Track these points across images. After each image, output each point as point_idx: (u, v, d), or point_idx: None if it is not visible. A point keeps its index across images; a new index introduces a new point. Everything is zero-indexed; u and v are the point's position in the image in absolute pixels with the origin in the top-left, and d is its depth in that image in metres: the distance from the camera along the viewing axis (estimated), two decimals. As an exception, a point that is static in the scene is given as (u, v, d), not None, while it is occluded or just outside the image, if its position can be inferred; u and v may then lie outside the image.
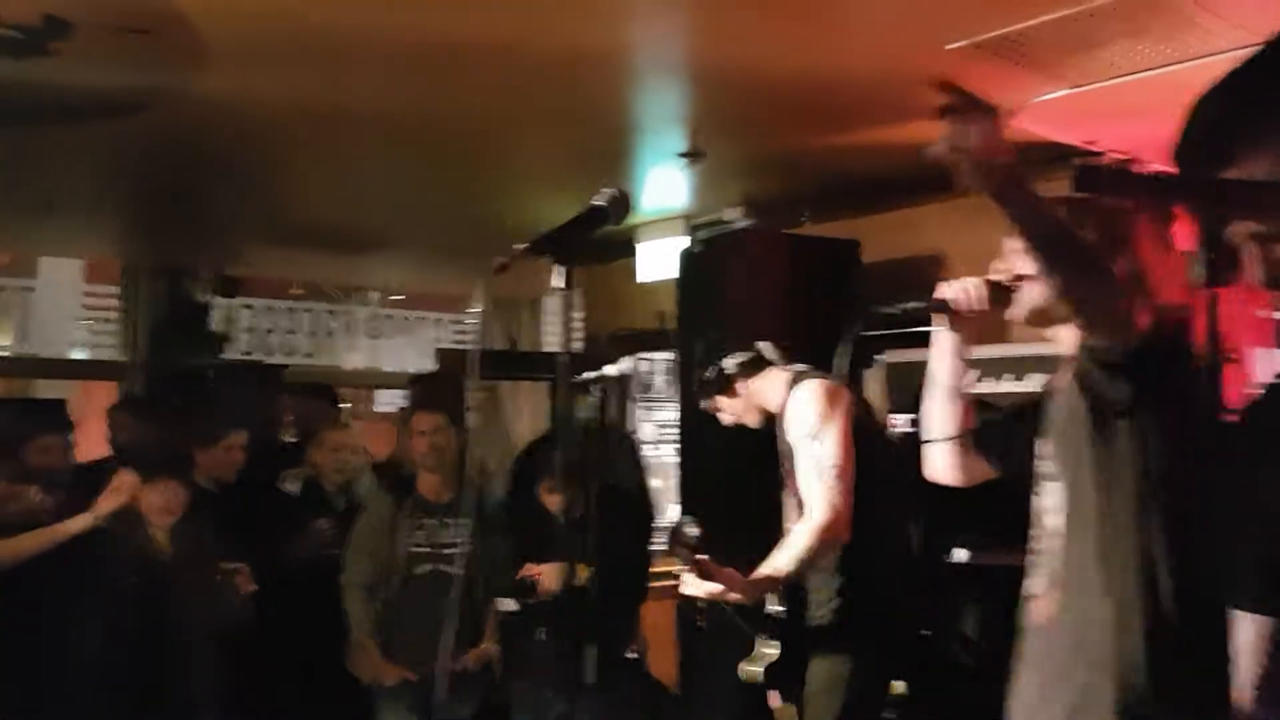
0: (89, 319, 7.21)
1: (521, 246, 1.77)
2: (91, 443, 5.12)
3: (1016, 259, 2.05)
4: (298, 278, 8.00)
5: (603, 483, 3.53)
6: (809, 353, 3.04)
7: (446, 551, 4.25)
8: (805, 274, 4.55)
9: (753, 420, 3.09)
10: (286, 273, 7.83)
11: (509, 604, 4.12)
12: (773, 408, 3.01)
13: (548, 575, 4.06)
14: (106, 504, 3.72)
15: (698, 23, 3.21)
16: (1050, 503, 1.99)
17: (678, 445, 5.04)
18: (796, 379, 2.97)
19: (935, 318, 2.19)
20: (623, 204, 1.87)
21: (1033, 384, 3.76)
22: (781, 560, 2.67)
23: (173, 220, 5.89)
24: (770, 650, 2.87)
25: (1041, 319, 2.05)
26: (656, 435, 6.44)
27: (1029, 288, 2.02)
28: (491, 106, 3.87)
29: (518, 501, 4.52)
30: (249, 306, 7.66)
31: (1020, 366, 3.80)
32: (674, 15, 3.19)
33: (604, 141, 4.41)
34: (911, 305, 2.18)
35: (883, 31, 3.17)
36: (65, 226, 5.92)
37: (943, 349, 2.23)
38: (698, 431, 4.63)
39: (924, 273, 4.89)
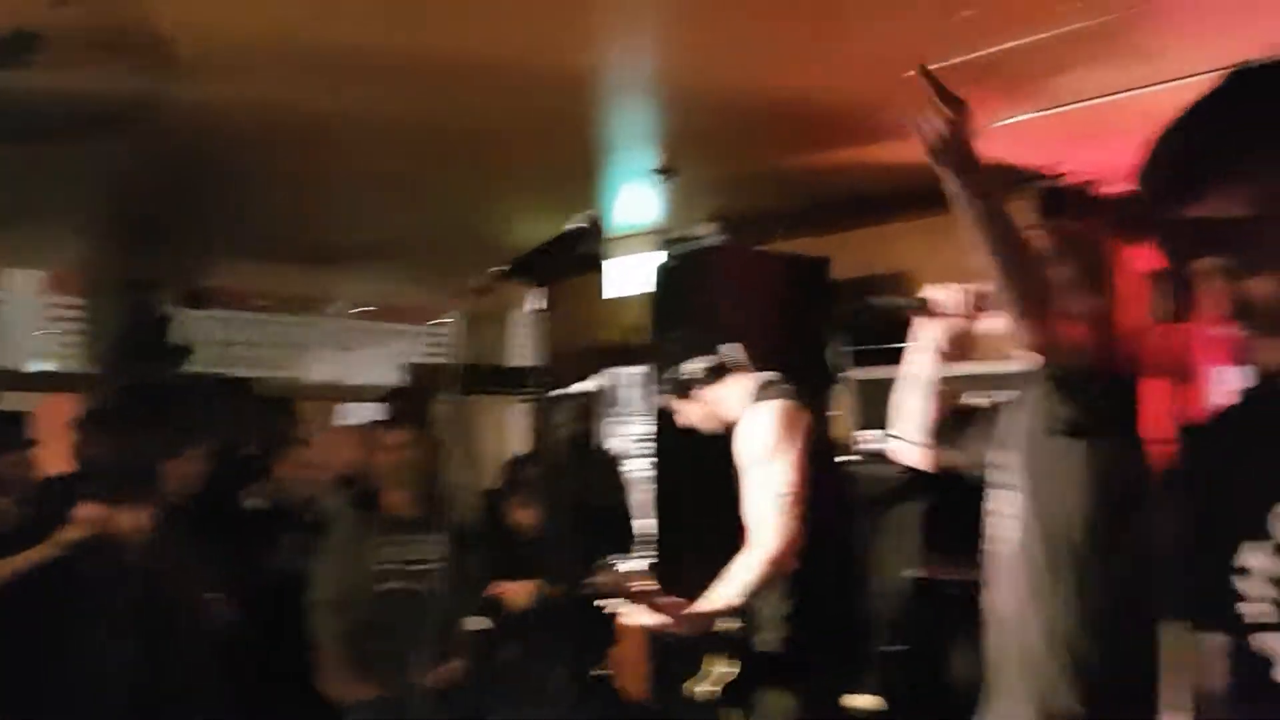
0: (50, 331, 7.10)
1: (499, 269, 1.77)
2: (54, 456, 5.04)
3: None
4: (265, 289, 7.94)
5: (580, 500, 3.53)
6: (778, 366, 3.05)
7: (415, 568, 4.22)
8: (776, 290, 4.58)
9: (712, 427, 3.04)
10: (253, 284, 7.78)
11: (479, 621, 4.10)
12: (733, 418, 3.00)
13: (516, 593, 4.05)
14: (70, 534, 3.66)
15: (673, 44, 3.25)
16: (1008, 511, 2.09)
17: (650, 459, 5.05)
18: (760, 393, 2.93)
19: (917, 316, 2.31)
20: (598, 228, 1.88)
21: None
22: (726, 593, 2.64)
23: (138, 232, 5.83)
24: (728, 669, 2.87)
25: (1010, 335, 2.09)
26: (628, 450, 6.44)
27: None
28: (466, 123, 3.88)
29: (489, 518, 4.51)
30: (215, 318, 7.58)
31: (990, 383, 3.83)
32: (650, 37, 3.23)
33: (579, 158, 4.44)
34: (901, 301, 2.35)
35: (855, 55, 3.22)
36: (28, 237, 5.85)
37: (920, 347, 2.33)
38: (670, 446, 4.64)
39: (893, 290, 4.95)
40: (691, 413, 3.06)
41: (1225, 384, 4.90)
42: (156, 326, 6.66)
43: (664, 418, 4.83)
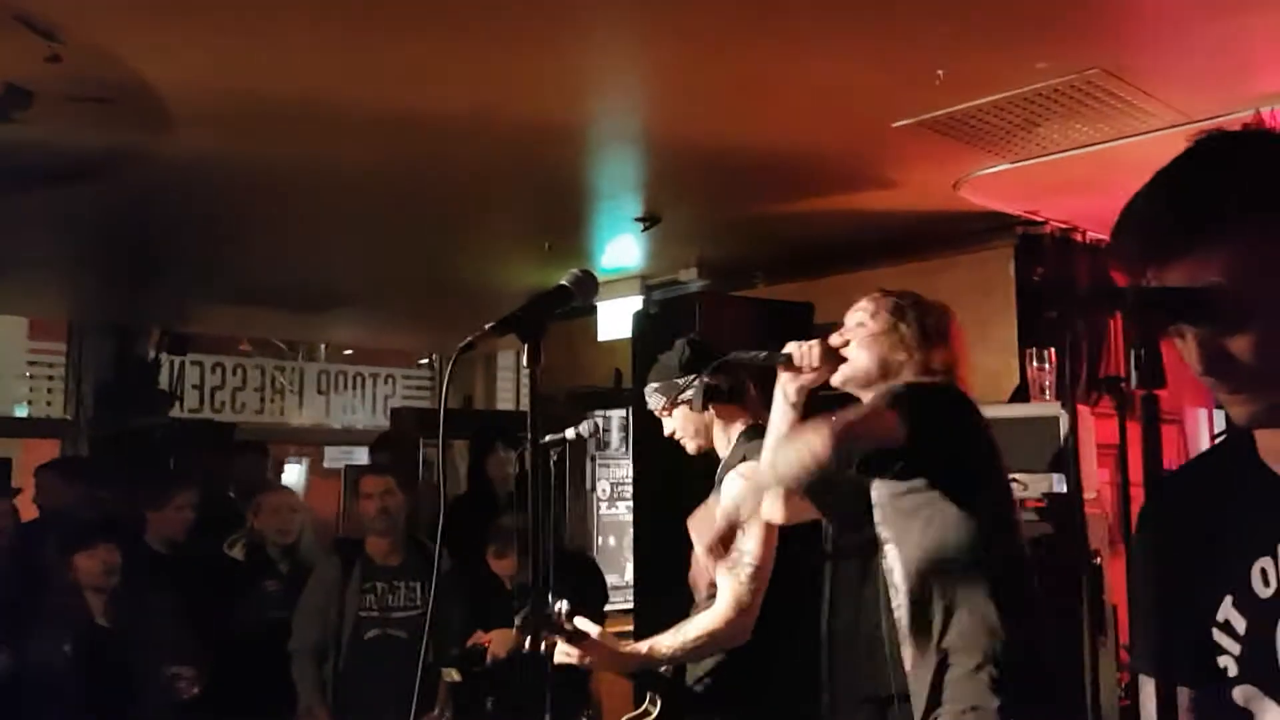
0: (34, 376, 7.07)
1: (488, 326, 1.79)
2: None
3: (850, 333, 2.37)
4: (247, 334, 7.93)
5: (555, 546, 3.50)
6: (760, 412, 3.04)
7: (396, 615, 4.21)
8: (759, 335, 4.61)
9: (692, 446, 2.98)
10: (236, 330, 7.77)
11: (454, 675, 4.08)
12: (717, 450, 2.95)
13: (496, 642, 4.04)
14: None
15: (655, 98, 3.30)
16: (890, 563, 2.27)
17: (632, 502, 5.06)
18: (745, 440, 2.87)
19: (780, 370, 2.40)
20: (589, 284, 1.91)
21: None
22: (666, 642, 2.66)
23: (123, 279, 5.84)
24: (653, 709, 2.86)
25: (856, 385, 2.36)
26: (612, 493, 6.44)
27: (854, 355, 2.35)
28: (449, 171, 3.92)
29: (469, 565, 4.49)
30: (198, 363, 7.57)
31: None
32: (633, 90, 3.28)
33: (563, 206, 4.48)
34: (763, 355, 2.41)
35: (831, 110, 3.28)
36: (12, 284, 5.85)
37: (781, 399, 2.41)
38: (652, 488, 4.66)
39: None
40: (683, 425, 2.97)
41: (1209, 425, 4.97)
42: (141, 372, 6.65)
43: (646, 461, 4.85)
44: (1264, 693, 1.13)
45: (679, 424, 2.95)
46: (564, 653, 2.67)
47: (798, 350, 2.36)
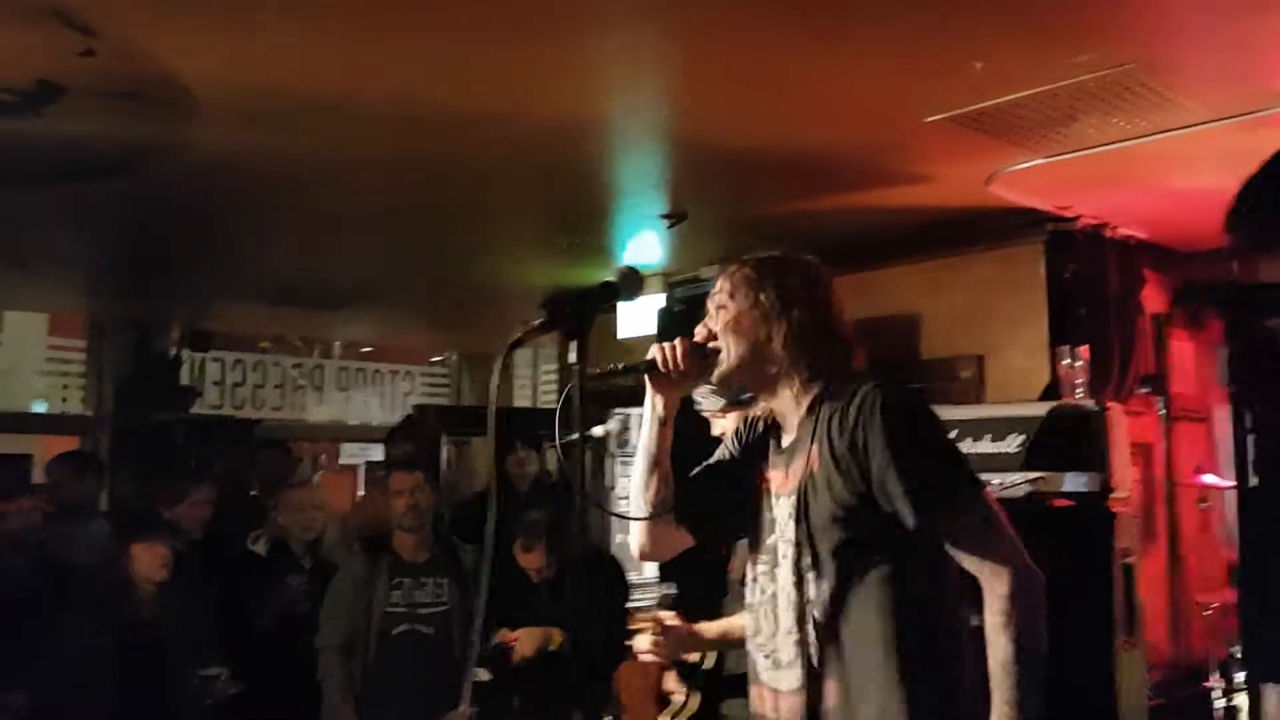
0: (55, 373, 7.10)
1: (536, 322, 1.78)
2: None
3: (714, 322, 2.04)
4: (268, 331, 7.94)
5: (578, 543, 3.48)
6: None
7: (423, 612, 4.20)
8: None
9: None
10: (257, 327, 7.78)
11: (482, 674, 4.06)
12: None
13: (523, 641, 4.02)
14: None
15: (680, 93, 3.27)
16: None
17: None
18: None
19: (647, 379, 2.03)
20: (634, 281, 1.89)
21: (1012, 445, 3.82)
22: (739, 623, 2.34)
23: (144, 275, 5.84)
24: (692, 701, 2.83)
25: (738, 382, 2.04)
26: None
27: (725, 347, 2.01)
28: (473, 169, 3.90)
29: (495, 563, 4.47)
30: (218, 360, 7.59)
31: (999, 427, 3.85)
32: (657, 86, 3.25)
33: (584, 203, 4.46)
34: (622, 366, 2.02)
35: (863, 105, 3.25)
36: (34, 281, 5.86)
37: (648, 414, 2.05)
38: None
39: (898, 332, 4.97)
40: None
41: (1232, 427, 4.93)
42: (162, 368, 6.65)
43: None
44: None
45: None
46: (651, 644, 2.59)
47: (660, 354, 1.99)
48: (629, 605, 4.39)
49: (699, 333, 2.04)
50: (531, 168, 3.89)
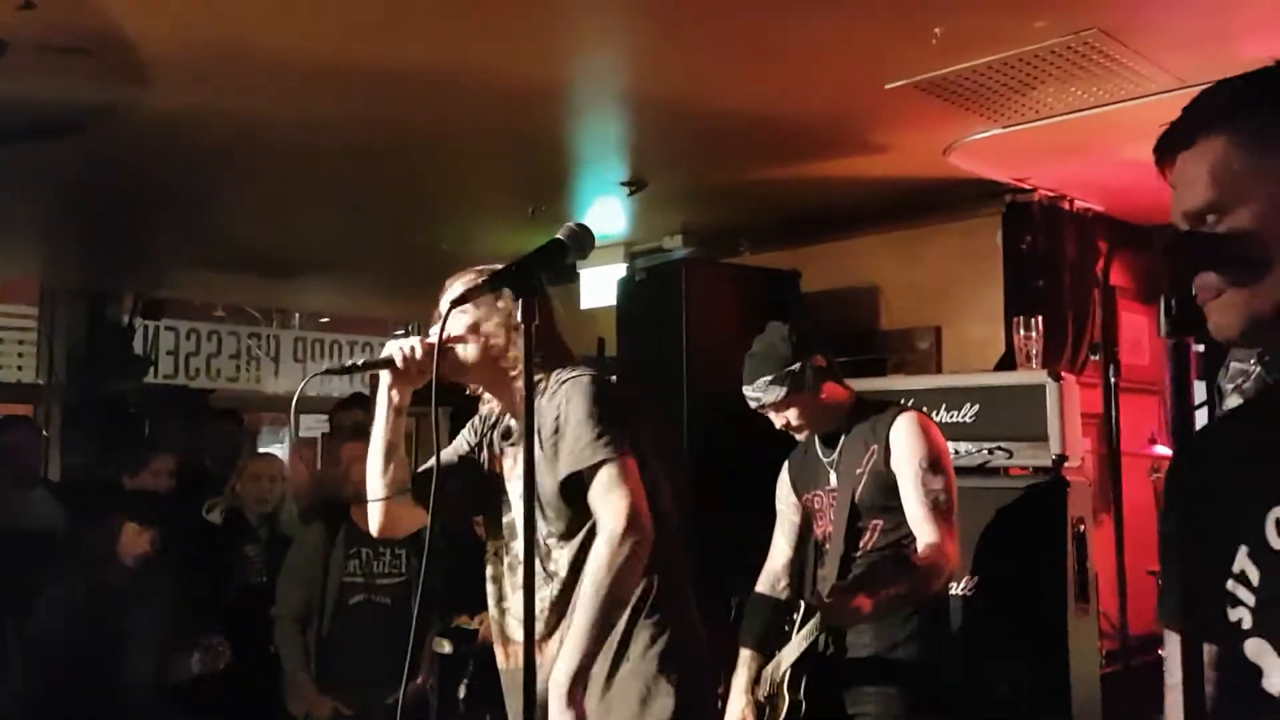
0: (2, 340, 6.95)
1: (482, 280, 1.75)
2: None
3: (453, 322, 2.19)
4: (222, 299, 7.82)
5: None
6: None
7: (381, 582, 4.18)
8: (746, 303, 4.58)
9: (804, 434, 2.95)
10: (212, 295, 7.67)
11: (444, 646, 4.05)
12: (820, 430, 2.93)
13: (487, 626, 4.01)
14: None
15: (642, 56, 3.24)
16: None
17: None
18: (866, 413, 2.90)
19: (385, 374, 2.21)
20: (584, 238, 1.86)
21: (967, 415, 3.84)
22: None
23: (95, 241, 5.73)
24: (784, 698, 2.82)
25: (474, 377, 2.31)
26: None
27: (462, 348, 2.25)
28: (432, 133, 3.84)
29: (452, 533, 4.45)
30: (172, 329, 7.47)
31: (955, 397, 3.86)
32: (618, 49, 3.21)
33: (545, 169, 4.41)
34: (363, 362, 2.29)
35: (824, 70, 3.22)
36: (-19, 246, 5.73)
37: (385, 405, 2.24)
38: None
39: (858, 303, 4.98)
40: (794, 415, 2.90)
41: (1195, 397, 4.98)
42: (113, 337, 6.54)
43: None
44: (1273, 647, 1.11)
45: (799, 413, 2.88)
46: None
47: (399, 352, 2.19)
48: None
49: (433, 336, 2.18)
50: (492, 132, 3.84)
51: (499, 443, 2.37)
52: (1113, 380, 3.67)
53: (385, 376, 2.21)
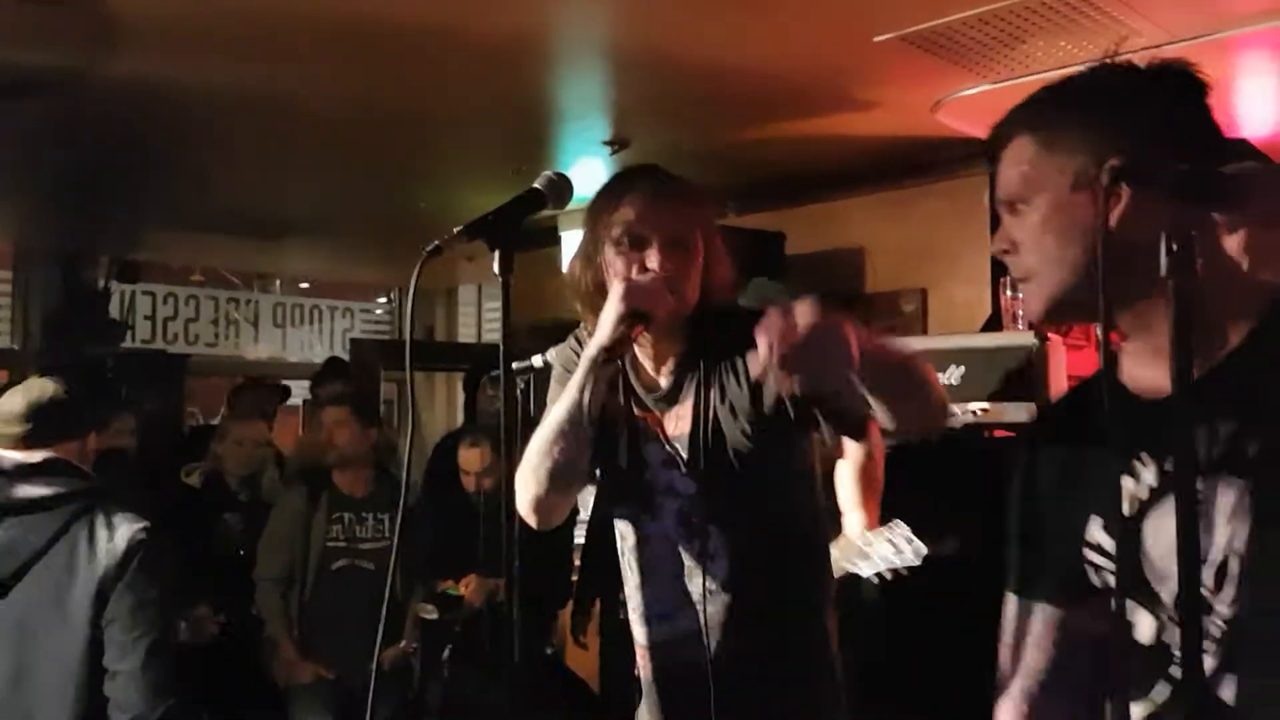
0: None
1: (457, 229, 1.69)
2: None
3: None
4: (200, 263, 7.73)
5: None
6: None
7: (364, 547, 4.15)
8: (732, 264, 4.52)
9: None
10: (190, 259, 7.57)
11: (429, 611, 4.02)
12: None
13: (473, 591, 3.99)
14: None
15: (623, 9, 3.17)
16: None
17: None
18: None
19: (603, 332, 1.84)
20: (563, 187, 1.80)
21: (953, 377, 3.81)
22: None
23: (71, 203, 5.64)
24: None
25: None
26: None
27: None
28: (411, 92, 3.78)
29: (438, 496, 4.42)
30: (149, 294, 7.37)
31: (940, 359, 3.83)
32: (599, 2, 3.14)
33: (527, 129, 4.35)
34: (615, 317, 1.83)
35: (810, 23, 3.17)
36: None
37: (591, 366, 1.86)
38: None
39: (844, 265, 4.95)
40: None
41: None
42: (89, 301, 6.46)
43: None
44: (1138, 604, 1.19)
45: None
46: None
47: (654, 296, 1.83)
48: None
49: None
50: (473, 91, 3.78)
51: (639, 394, 1.97)
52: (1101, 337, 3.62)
53: (607, 335, 1.81)
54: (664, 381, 1.96)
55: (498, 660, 3.45)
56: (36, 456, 2.40)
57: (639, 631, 1.98)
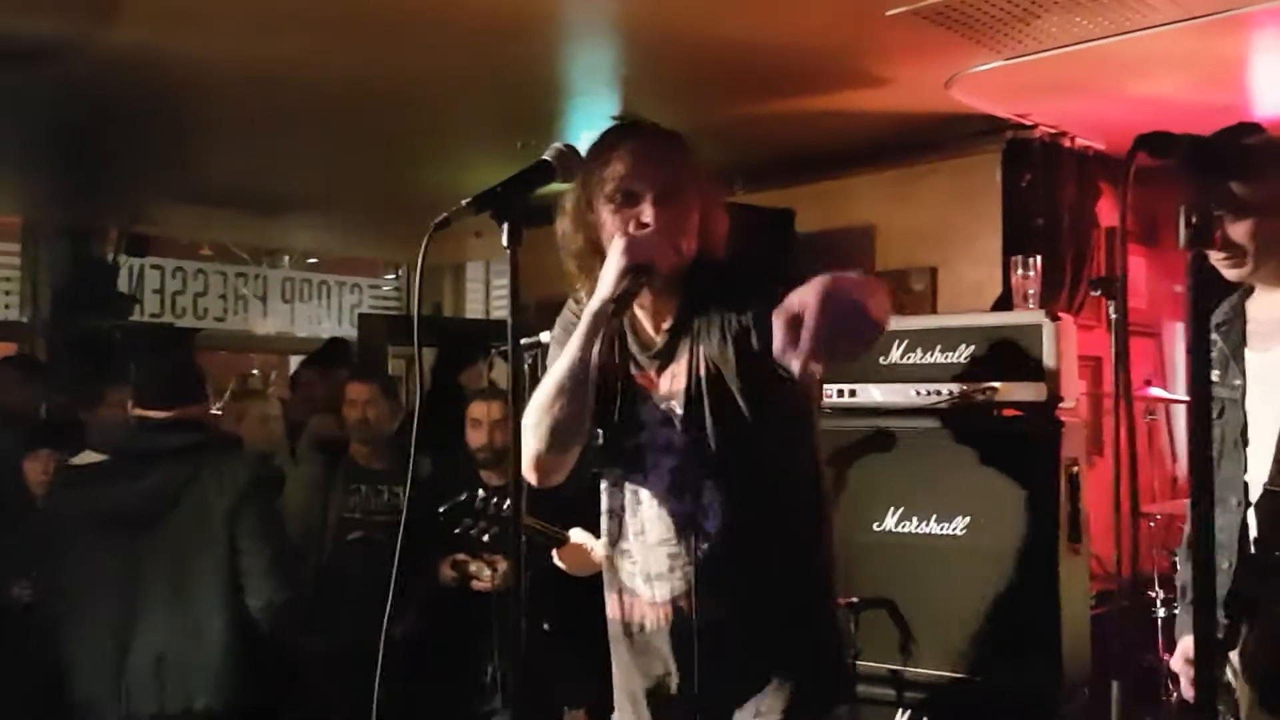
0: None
1: (465, 201, 1.67)
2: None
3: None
4: (208, 237, 7.72)
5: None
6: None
7: (379, 519, 4.16)
8: (740, 242, 4.50)
9: None
10: (198, 233, 7.57)
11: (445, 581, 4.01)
12: None
13: (486, 577, 3.98)
14: None
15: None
16: None
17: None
18: None
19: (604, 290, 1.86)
20: (572, 159, 1.78)
21: (963, 355, 3.79)
22: None
23: (79, 176, 5.63)
24: None
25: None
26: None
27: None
28: (419, 67, 3.76)
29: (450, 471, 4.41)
30: (158, 268, 7.37)
31: (950, 337, 3.81)
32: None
33: (535, 104, 4.32)
34: (615, 275, 1.84)
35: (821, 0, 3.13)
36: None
37: (594, 325, 1.86)
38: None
39: (853, 243, 4.92)
40: None
41: (1183, 342, 4.94)
42: (98, 274, 6.47)
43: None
44: None
45: None
46: None
47: (655, 250, 1.85)
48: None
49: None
50: (481, 65, 3.75)
51: (635, 353, 1.97)
52: (1113, 316, 3.62)
53: (611, 288, 1.81)
54: (660, 340, 1.95)
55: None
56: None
57: (637, 586, 1.98)
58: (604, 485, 2.03)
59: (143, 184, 5.80)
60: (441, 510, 3.04)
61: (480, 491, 3.03)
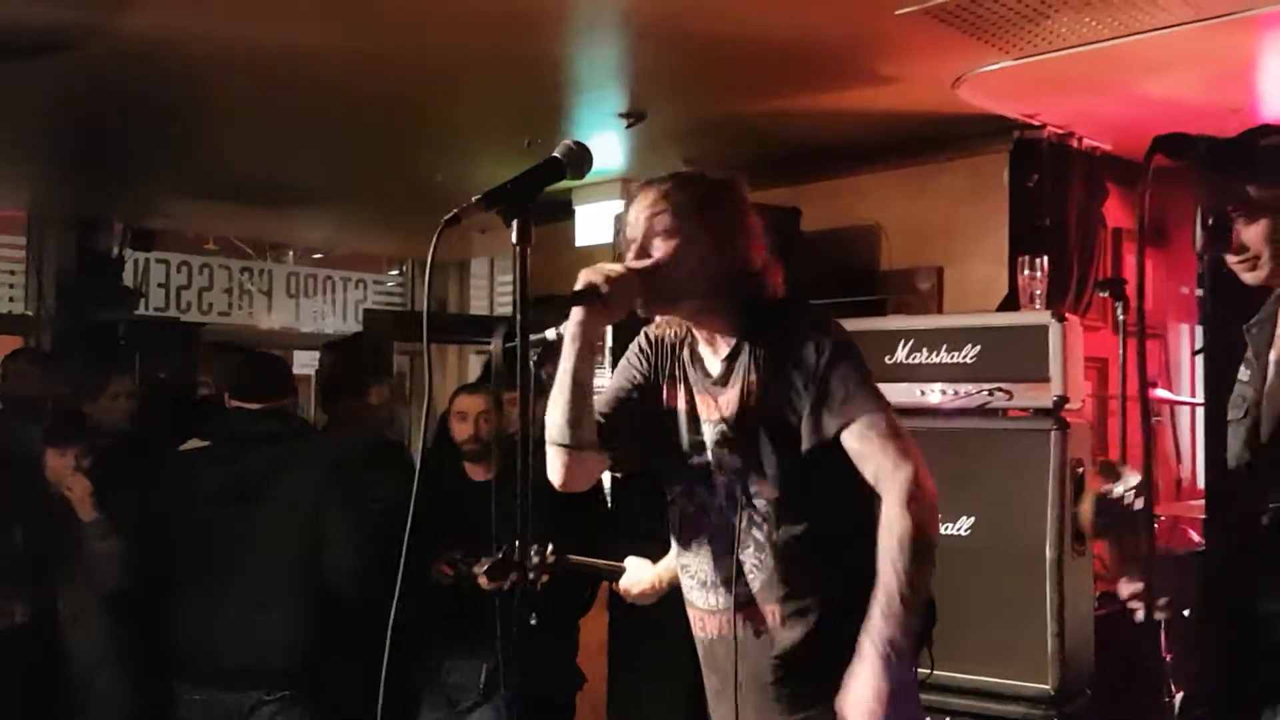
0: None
1: (475, 198, 1.67)
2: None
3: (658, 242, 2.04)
4: (215, 232, 7.73)
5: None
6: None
7: (377, 507, 4.14)
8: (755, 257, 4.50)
9: None
10: (203, 227, 7.57)
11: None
12: None
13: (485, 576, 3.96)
14: None
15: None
16: None
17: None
18: None
19: (578, 309, 1.96)
20: (582, 156, 1.78)
21: (968, 355, 3.78)
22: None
23: (84, 169, 5.63)
24: None
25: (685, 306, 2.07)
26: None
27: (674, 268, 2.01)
28: (423, 62, 3.75)
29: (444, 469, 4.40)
30: (163, 262, 7.38)
31: (956, 337, 3.80)
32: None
33: (541, 100, 4.31)
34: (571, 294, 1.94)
35: (830, -3, 3.13)
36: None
37: (575, 341, 1.98)
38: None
39: (860, 242, 4.91)
40: None
41: (1192, 341, 4.93)
42: (103, 268, 6.47)
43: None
44: None
45: None
46: None
47: (601, 279, 1.93)
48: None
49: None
50: (488, 60, 3.75)
51: (696, 379, 2.10)
52: (1121, 318, 3.61)
53: (576, 312, 1.95)
54: (719, 367, 2.08)
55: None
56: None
57: (694, 597, 2.12)
58: (668, 501, 2.17)
59: (148, 178, 5.79)
60: (482, 571, 3.09)
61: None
